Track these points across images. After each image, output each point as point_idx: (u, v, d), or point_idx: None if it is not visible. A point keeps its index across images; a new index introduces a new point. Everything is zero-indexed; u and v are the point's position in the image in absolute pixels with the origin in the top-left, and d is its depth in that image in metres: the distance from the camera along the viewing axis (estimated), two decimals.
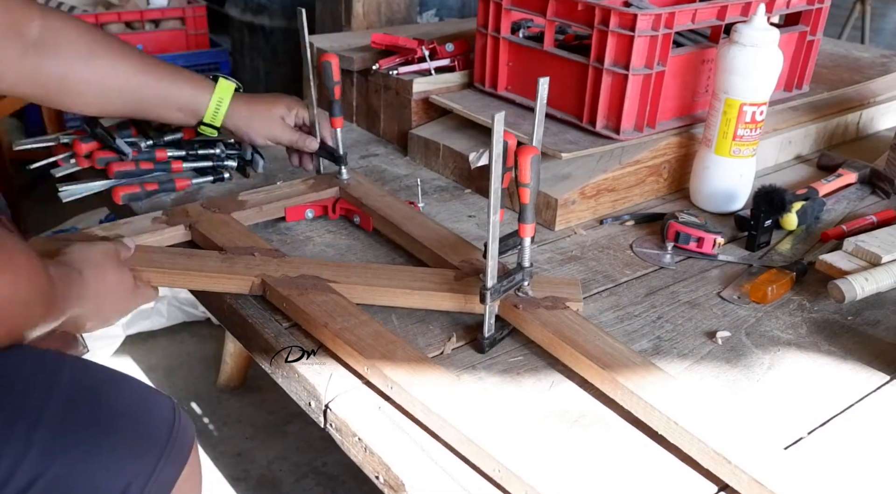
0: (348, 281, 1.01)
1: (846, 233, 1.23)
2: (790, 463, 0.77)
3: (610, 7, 1.23)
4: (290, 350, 0.93)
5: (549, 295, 1.00)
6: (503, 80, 1.44)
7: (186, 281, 1.03)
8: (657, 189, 1.38)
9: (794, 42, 1.49)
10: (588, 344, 0.91)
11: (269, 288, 1.00)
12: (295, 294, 0.98)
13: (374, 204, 1.21)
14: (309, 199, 1.24)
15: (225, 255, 1.05)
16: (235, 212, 1.17)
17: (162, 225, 1.13)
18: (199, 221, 1.14)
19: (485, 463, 0.77)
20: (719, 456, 0.77)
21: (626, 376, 0.86)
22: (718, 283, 1.14)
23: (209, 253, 1.06)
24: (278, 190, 1.25)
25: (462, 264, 1.06)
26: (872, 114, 1.70)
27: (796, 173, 1.52)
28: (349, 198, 1.24)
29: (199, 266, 1.03)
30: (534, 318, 0.95)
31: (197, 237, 1.13)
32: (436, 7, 2.52)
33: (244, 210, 1.18)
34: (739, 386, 0.93)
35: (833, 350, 1.00)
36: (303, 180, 1.28)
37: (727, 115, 1.25)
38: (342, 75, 1.62)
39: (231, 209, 1.17)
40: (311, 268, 1.03)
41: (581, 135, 1.32)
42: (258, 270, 1.02)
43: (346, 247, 1.18)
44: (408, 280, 1.03)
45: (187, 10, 3.18)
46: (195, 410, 1.97)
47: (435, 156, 1.44)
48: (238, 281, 1.02)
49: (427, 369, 0.86)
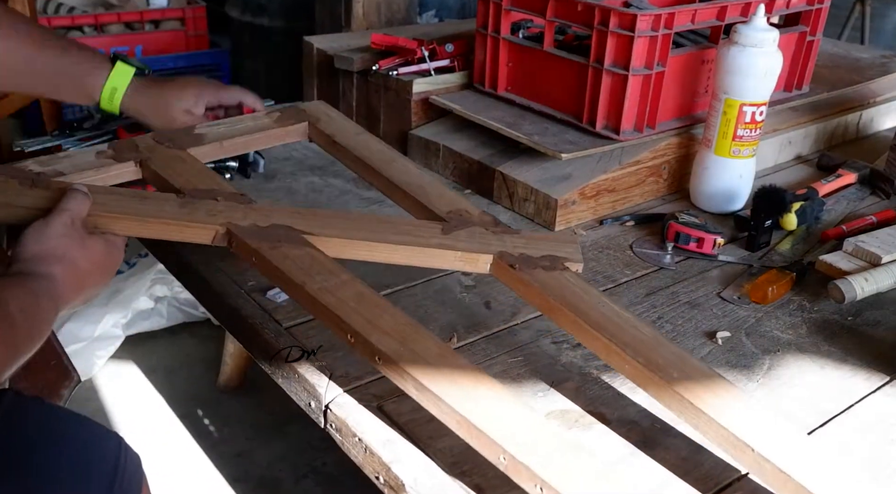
0: (324, 232, 0.91)
1: (846, 234, 1.23)
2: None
3: (610, 7, 1.23)
4: (290, 350, 0.93)
5: (546, 253, 0.92)
6: (503, 81, 1.44)
7: (140, 229, 0.90)
8: (657, 189, 1.38)
9: (793, 42, 1.49)
10: (593, 312, 0.84)
11: (236, 238, 0.88)
12: (266, 246, 0.87)
13: (348, 142, 1.08)
14: (274, 134, 1.11)
15: (183, 199, 0.92)
16: (193, 148, 1.03)
17: (108, 160, 0.99)
18: (151, 158, 0.99)
19: (486, 448, 0.72)
20: (740, 442, 0.74)
21: (636, 348, 0.80)
22: (718, 284, 1.14)
23: (165, 197, 0.93)
24: (240, 123, 1.12)
25: (450, 216, 0.97)
26: (872, 115, 1.70)
27: (796, 173, 1.52)
28: (319, 136, 1.11)
29: (154, 211, 0.90)
30: (532, 280, 0.88)
31: (149, 175, 1.00)
32: (435, 7, 2.52)
33: (203, 145, 1.04)
34: (739, 386, 0.93)
35: (833, 350, 1.00)
36: (267, 112, 1.16)
37: (727, 116, 1.25)
38: (342, 75, 1.63)
39: (187, 144, 1.03)
40: (283, 217, 0.92)
41: (581, 135, 1.32)
42: (222, 217, 0.90)
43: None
44: (390, 232, 0.93)
45: (187, 10, 3.19)
46: (195, 411, 1.97)
47: (435, 156, 1.44)
48: (199, 231, 0.90)
49: (419, 337, 0.79)
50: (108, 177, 0.98)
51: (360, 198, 1.34)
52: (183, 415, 1.95)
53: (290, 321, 1.00)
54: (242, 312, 1.02)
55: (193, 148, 1.03)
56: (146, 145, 1.01)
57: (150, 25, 3.17)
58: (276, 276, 0.87)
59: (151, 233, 0.90)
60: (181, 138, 1.04)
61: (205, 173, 0.98)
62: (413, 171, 1.05)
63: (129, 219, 0.89)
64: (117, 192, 0.93)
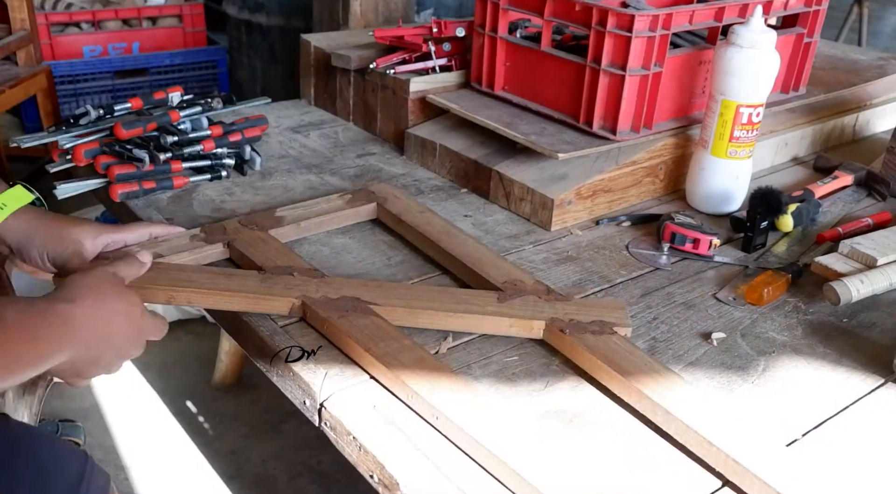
0: (388, 302, 0.99)
1: (842, 236, 1.24)
2: (792, 461, 0.77)
3: (607, 8, 1.23)
4: (290, 350, 0.93)
5: (595, 318, 0.98)
6: (500, 80, 1.44)
7: (226, 302, 0.99)
8: (653, 190, 1.38)
9: (791, 44, 1.49)
10: (638, 372, 0.88)
11: (309, 309, 0.97)
12: (335, 316, 0.95)
13: (412, 220, 1.19)
14: (346, 215, 1.23)
15: (264, 275, 1.03)
16: (273, 229, 1.15)
17: (200, 242, 1.11)
18: (237, 239, 1.11)
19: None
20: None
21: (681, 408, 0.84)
22: (714, 285, 1.14)
23: (248, 273, 1.04)
24: (316, 205, 1.23)
25: (505, 285, 1.04)
26: (869, 117, 1.70)
27: (792, 175, 1.52)
28: (386, 215, 1.23)
29: (238, 286, 1.00)
30: (580, 343, 0.93)
31: (235, 255, 1.11)
32: (433, 6, 2.52)
33: (282, 227, 1.16)
34: (734, 387, 0.93)
35: (828, 352, 1.01)
36: (339, 195, 1.26)
37: (724, 117, 1.25)
38: (339, 73, 1.63)
39: (269, 226, 1.16)
40: (352, 289, 1.01)
41: (578, 135, 1.32)
42: (298, 291, 1.00)
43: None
44: (450, 302, 1.00)
45: (185, 7, 3.19)
46: (190, 408, 1.97)
47: (431, 155, 1.44)
48: (277, 303, 0.99)
49: (476, 401, 0.84)
50: (200, 257, 1.09)
51: None
52: (177, 412, 1.95)
53: (285, 319, 1.00)
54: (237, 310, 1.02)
55: (274, 229, 1.15)
56: (233, 228, 1.14)
57: (148, 22, 3.17)
58: (344, 342, 0.94)
59: (235, 305, 0.99)
60: (263, 221, 1.17)
61: (283, 252, 1.09)
62: (471, 244, 1.14)
63: (216, 294, 0.99)
64: (207, 271, 1.05)
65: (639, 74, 1.26)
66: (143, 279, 0.97)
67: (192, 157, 1.34)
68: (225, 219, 1.18)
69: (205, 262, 1.10)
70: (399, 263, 1.15)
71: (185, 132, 1.36)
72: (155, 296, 0.98)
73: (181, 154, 1.32)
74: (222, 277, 1.02)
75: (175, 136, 1.32)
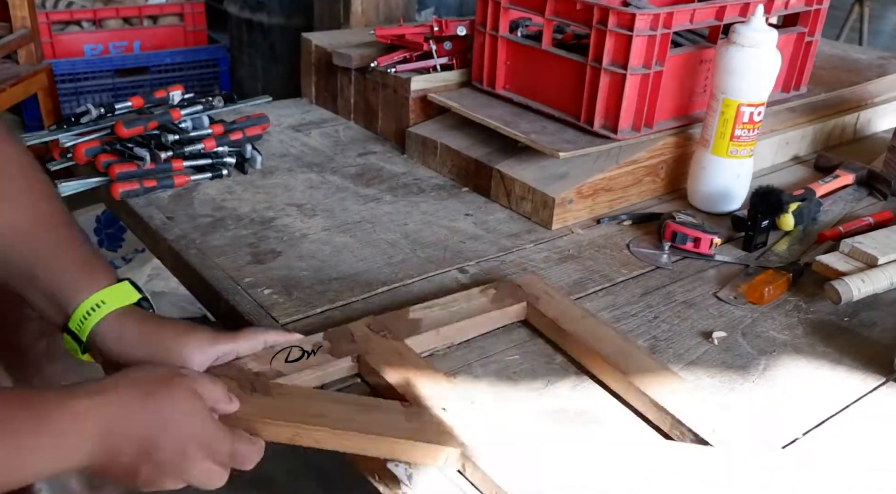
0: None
1: (843, 235, 1.23)
2: (789, 462, 0.77)
3: (608, 6, 1.23)
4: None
5: None
6: (501, 79, 1.44)
7: (365, 446, 0.79)
8: (654, 189, 1.38)
9: (792, 43, 1.49)
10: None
11: (471, 465, 0.77)
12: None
13: (573, 328, 0.97)
14: (493, 318, 1.01)
15: (408, 408, 0.83)
16: (409, 338, 0.94)
17: (325, 354, 0.91)
18: (368, 352, 0.91)
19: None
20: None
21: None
22: (715, 284, 1.14)
23: (389, 407, 0.83)
24: (455, 304, 1.01)
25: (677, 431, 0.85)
26: (870, 116, 1.70)
27: (793, 174, 1.52)
28: (538, 318, 1.01)
29: (380, 427, 0.79)
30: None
31: (365, 371, 0.91)
32: (434, 5, 2.52)
33: (419, 335, 0.95)
34: (735, 386, 0.93)
35: (829, 351, 1.00)
36: (481, 289, 1.03)
37: (725, 116, 1.25)
38: (340, 72, 1.63)
39: (403, 333, 0.95)
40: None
41: (578, 134, 1.32)
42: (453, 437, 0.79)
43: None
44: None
45: (186, 6, 3.19)
46: None
47: (432, 154, 1.44)
48: (430, 451, 0.79)
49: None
50: (326, 375, 0.90)
51: (357, 195, 1.34)
52: None
53: (287, 317, 1.00)
54: (239, 308, 1.02)
55: (410, 338, 0.95)
56: (362, 335, 0.94)
57: (149, 21, 3.17)
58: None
59: (379, 451, 0.79)
60: (396, 324, 0.96)
61: (422, 367, 0.89)
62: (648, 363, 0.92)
63: (353, 435, 0.79)
64: (338, 400, 0.85)
65: (640, 73, 1.26)
66: (263, 410, 0.81)
67: (193, 156, 1.34)
68: (226, 218, 1.17)
69: (330, 380, 0.91)
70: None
71: (186, 131, 1.36)
72: (279, 434, 0.81)
73: (182, 152, 1.32)
74: (358, 411, 0.82)
75: (176, 135, 1.32)
